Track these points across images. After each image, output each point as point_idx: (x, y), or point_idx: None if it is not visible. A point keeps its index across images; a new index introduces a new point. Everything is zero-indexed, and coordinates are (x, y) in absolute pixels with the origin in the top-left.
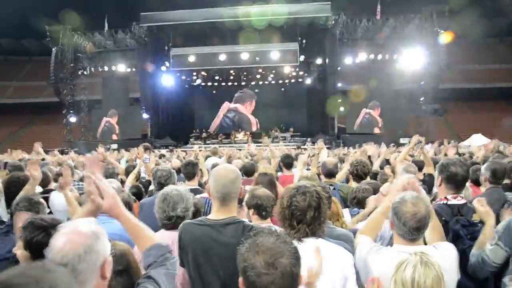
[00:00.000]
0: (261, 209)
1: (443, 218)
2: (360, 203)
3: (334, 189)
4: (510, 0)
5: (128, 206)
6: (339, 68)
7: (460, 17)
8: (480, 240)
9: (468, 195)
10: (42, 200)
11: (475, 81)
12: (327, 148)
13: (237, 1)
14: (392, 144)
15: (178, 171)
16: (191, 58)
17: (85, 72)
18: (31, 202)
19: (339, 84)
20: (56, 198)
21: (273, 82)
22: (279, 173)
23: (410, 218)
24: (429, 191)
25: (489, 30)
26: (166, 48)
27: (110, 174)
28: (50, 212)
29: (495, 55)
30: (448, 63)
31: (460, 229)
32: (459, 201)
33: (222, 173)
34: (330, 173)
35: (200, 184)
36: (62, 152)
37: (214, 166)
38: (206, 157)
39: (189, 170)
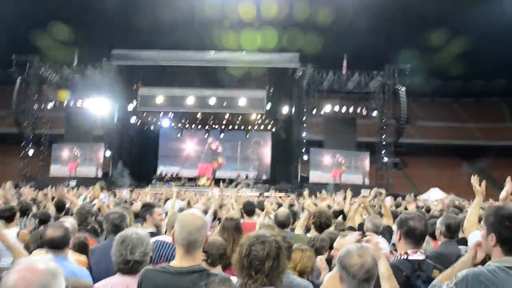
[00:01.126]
0: (208, 256)
1: (404, 274)
2: (317, 251)
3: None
4: (466, 65)
5: (84, 247)
6: (304, 118)
7: (419, 76)
8: (448, 271)
9: (429, 249)
10: None
11: (433, 137)
12: (287, 196)
13: (209, 46)
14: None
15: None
16: (159, 99)
17: (48, 105)
18: None
19: (304, 134)
20: None
21: (239, 128)
22: (241, 220)
23: (358, 270)
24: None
25: (446, 90)
26: (134, 87)
27: (66, 212)
28: None
29: (451, 113)
30: (407, 119)
31: (421, 285)
32: (419, 256)
33: (188, 220)
34: (282, 224)
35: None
36: (16, 186)
37: (181, 210)
38: (166, 200)
39: (142, 213)
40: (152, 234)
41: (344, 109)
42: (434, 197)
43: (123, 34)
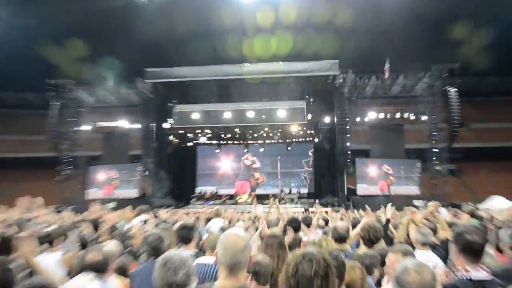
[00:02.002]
0: (259, 276)
1: None
2: (368, 269)
3: (345, 256)
4: None
5: (125, 271)
6: (347, 127)
7: (471, 74)
8: None
9: (490, 262)
10: None
11: (492, 140)
12: (335, 211)
13: (244, 59)
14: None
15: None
16: (195, 115)
17: (86, 128)
18: None
19: (348, 144)
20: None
21: (279, 141)
22: (285, 237)
23: None
24: (445, 258)
25: (503, 87)
26: (170, 104)
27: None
28: None
29: (510, 113)
30: (461, 121)
31: None
32: (483, 274)
33: (231, 241)
34: (341, 238)
35: (200, 249)
36: (58, 211)
37: (222, 230)
38: (207, 220)
39: (185, 235)
40: (195, 255)
41: (389, 115)
42: (498, 205)
43: (152, 53)
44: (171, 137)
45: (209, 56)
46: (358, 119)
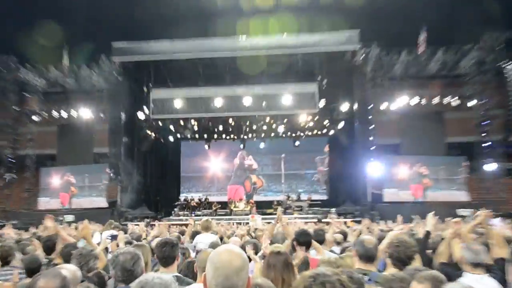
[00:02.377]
0: None
1: None
2: None
3: (369, 280)
4: None
5: None
6: (370, 117)
7: None
8: None
9: None
10: None
11: None
12: (356, 222)
13: (239, 30)
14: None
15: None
16: (178, 103)
17: (34, 118)
18: None
19: (372, 137)
20: None
21: (284, 134)
22: (292, 255)
23: None
24: (503, 282)
25: None
26: (145, 89)
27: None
28: None
29: None
30: None
31: None
32: None
33: (224, 259)
34: (369, 256)
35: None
36: None
37: (213, 246)
38: (194, 234)
39: (166, 253)
40: (179, 280)
41: (425, 101)
42: None
43: (123, 25)
44: (147, 131)
45: (195, 26)
46: (384, 106)
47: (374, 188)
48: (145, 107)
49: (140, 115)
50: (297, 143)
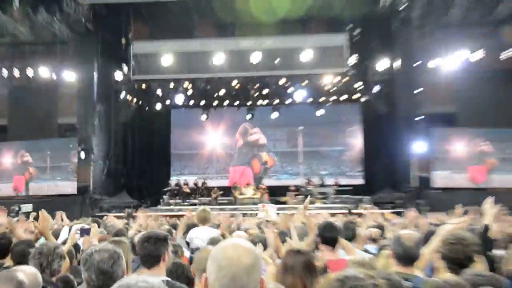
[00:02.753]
0: None
1: None
2: None
3: (413, 287)
4: None
5: None
6: (417, 77)
7: None
8: None
9: None
10: None
11: None
12: (397, 213)
13: None
14: None
15: None
16: (167, 60)
17: None
18: None
19: (418, 105)
20: None
21: (304, 101)
22: (316, 253)
23: None
24: None
25: None
26: (123, 41)
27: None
28: None
29: None
30: None
31: None
32: None
33: (230, 256)
34: (409, 257)
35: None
36: None
37: (213, 242)
38: (188, 228)
39: (151, 251)
40: (169, 285)
41: (491, 55)
42: None
43: None
44: (126, 96)
45: None
46: (435, 64)
47: (420, 170)
48: (124, 65)
49: (118, 76)
50: (319, 112)
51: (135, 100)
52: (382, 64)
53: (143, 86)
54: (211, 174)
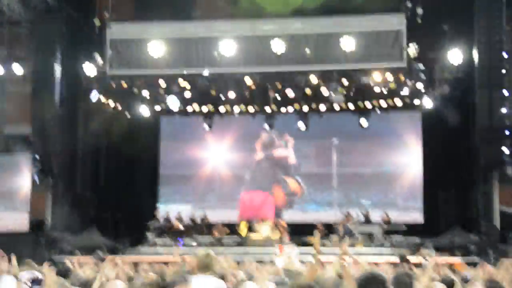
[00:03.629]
0: None
1: None
2: None
3: None
4: None
5: None
6: (504, 74)
7: None
8: None
9: None
10: None
11: None
12: (471, 264)
13: None
14: None
15: None
16: (156, 49)
17: None
18: None
19: (505, 112)
20: None
21: (343, 106)
22: None
23: None
24: None
25: None
26: (97, 23)
27: None
28: None
29: None
30: None
31: None
32: None
33: None
34: None
35: None
36: None
37: None
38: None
39: None
40: None
41: None
42: None
43: None
44: (100, 97)
45: None
46: None
47: (506, 205)
48: (97, 55)
49: (89, 69)
50: (364, 122)
51: (112, 103)
52: (454, 56)
53: (124, 84)
54: (213, 202)
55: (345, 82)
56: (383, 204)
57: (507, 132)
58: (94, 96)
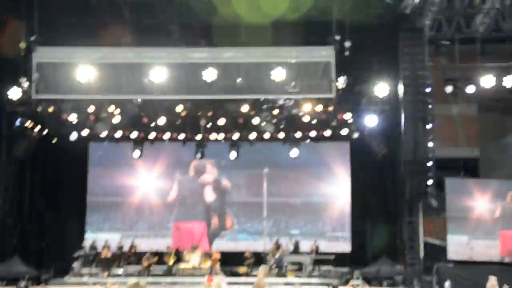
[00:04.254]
0: None
1: None
2: None
3: None
4: None
5: None
6: (429, 106)
7: None
8: None
9: None
10: None
11: None
12: None
13: None
14: None
15: None
16: (85, 73)
17: None
18: None
19: (430, 145)
20: None
21: (275, 136)
22: None
23: None
24: None
25: None
26: (22, 45)
27: None
28: None
29: None
30: None
31: None
32: None
33: None
34: None
35: None
36: None
37: None
38: None
39: None
40: None
41: None
42: None
43: None
44: (25, 122)
45: None
46: (452, 90)
47: (430, 235)
48: (22, 79)
49: (13, 93)
50: (294, 152)
51: (37, 128)
52: (380, 89)
53: (50, 109)
54: (142, 231)
55: (275, 112)
56: (312, 234)
57: (430, 164)
58: (19, 121)
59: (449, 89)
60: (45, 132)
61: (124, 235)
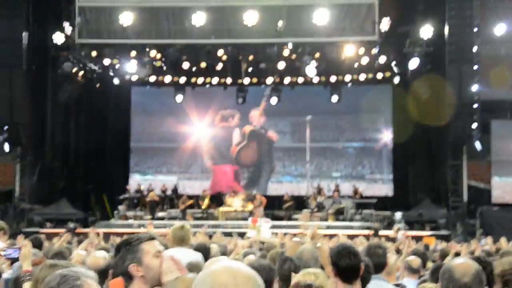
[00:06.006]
0: None
1: None
2: None
3: None
4: None
5: None
6: (474, 49)
7: None
8: None
9: None
10: None
11: None
12: (440, 238)
13: None
14: None
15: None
16: (127, 18)
17: None
18: None
19: (475, 88)
20: None
21: (315, 80)
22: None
23: None
24: None
25: None
26: None
27: None
28: None
29: None
30: None
31: None
32: None
33: (226, 282)
34: None
35: None
36: None
37: (194, 268)
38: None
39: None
40: None
41: None
42: None
43: None
44: (69, 66)
45: None
46: (501, 31)
47: (474, 179)
48: (66, 24)
49: (57, 38)
50: (334, 97)
51: (81, 72)
52: (424, 31)
53: (93, 53)
54: (194, 174)
55: (316, 55)
56: (351, 176)
57: (476, 107)
58: (67, 65)
59: (502, 28)
60: (89, 76)
61: (171, 176)
